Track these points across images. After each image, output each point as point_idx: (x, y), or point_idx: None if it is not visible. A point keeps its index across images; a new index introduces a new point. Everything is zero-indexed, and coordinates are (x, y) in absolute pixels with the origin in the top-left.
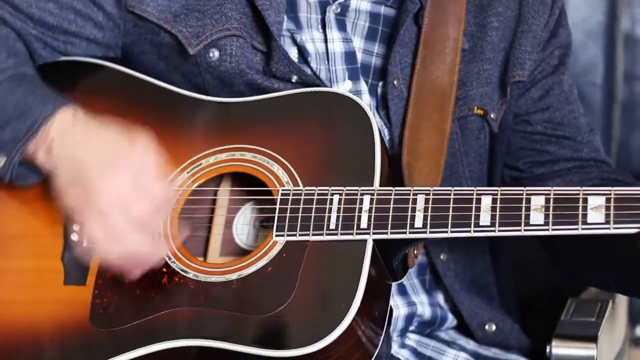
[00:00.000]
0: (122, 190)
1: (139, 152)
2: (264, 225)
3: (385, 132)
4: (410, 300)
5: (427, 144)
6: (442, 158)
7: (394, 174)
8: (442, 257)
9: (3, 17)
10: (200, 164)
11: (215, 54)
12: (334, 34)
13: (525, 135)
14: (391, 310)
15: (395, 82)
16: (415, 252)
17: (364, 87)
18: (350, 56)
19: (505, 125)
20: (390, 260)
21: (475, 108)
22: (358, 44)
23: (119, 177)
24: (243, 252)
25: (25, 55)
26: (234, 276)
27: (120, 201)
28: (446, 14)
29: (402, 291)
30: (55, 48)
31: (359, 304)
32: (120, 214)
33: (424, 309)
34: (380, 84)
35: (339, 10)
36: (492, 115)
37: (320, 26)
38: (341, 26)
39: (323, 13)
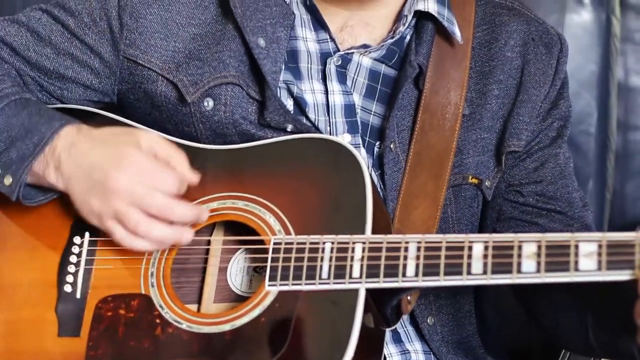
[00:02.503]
0: (137, 181)
1: (145, 143)
2: (257, 271)
3: (379, 193)
4: (404, 348)
5: (420, 212)
6: (434, 227)
7: (384, 224)
8: (429, 320)
9: (2, 57)
10: None
11: (209, 103)
12: (334, 86)
13: (517, 205)
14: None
15: (391, 146)
16: (409, 298)
17: (361, 141)
18: (349, 109)
19: (497, 193)
20: (384, 307)
21: (470, 177)
22: (357, 100)
23: (130, 168)
24: (237, 298)
25: (27, 88)
26: (227, 327)
27: (136, 195)
28: (448, 79)
29: (396, 339)
30: (52, 93)
31: (352, 354)
32: (138, 210)
33: (418, 357)
34: (377, 144)
35: (339, 62)
36: (486, 184)
37: (320, 77)
38: (342, 78)
39: (324, 64)
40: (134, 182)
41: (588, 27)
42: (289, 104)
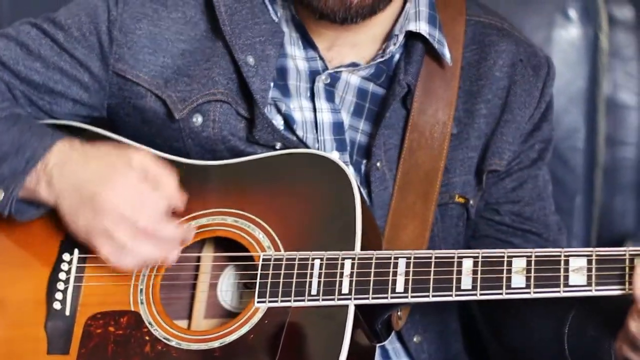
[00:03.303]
0: (126, 199)
1: (137, 162)
2: (247, 286)
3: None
4: None
5: (409, 232)
6: (423, 246)
7: (375, 239)
8: (415, 339)
9: None
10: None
11: (198, 119)
12: (322, 104)
13: (492, 224)
14: None
15: (378, 164)
16: (399, 314)
17: (349, 158)
18: (338, 127)
19: (475, 210)
20: (374, 323)
21: (457, 196)
22: (345, 118)
23: (121, 186)
24: (228, 313)
25: (16, 102)
26: (216, 344)
27: (125, 213)
28: (436, 98)
29: (385, 356)
30: (41, 107)
31: None
32: (127, 228)
33: None
34: (364, 162)
35: (328, 80)
36: (471, 202)
37: (309, 95)
38: (330, 97)
39: (312, 82)
40: (123, 200)
41: (576, 43)
42: (278, 121)
